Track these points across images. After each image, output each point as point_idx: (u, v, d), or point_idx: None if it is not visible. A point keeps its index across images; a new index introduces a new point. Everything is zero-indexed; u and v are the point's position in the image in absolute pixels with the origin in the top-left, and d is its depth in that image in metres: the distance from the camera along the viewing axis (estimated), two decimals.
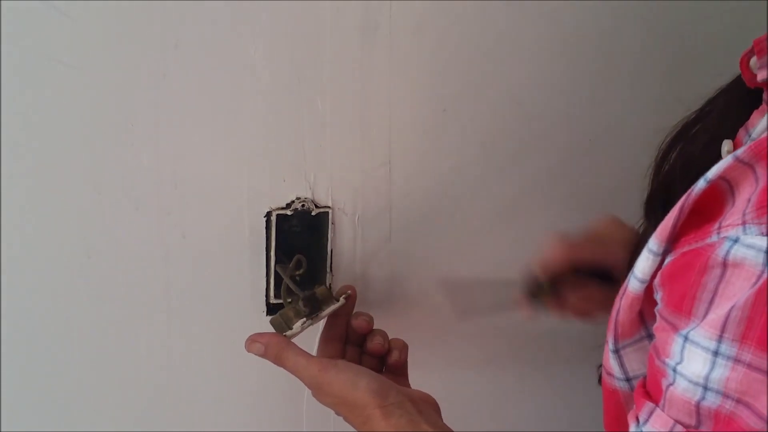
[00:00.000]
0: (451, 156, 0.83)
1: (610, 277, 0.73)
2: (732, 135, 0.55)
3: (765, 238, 0.41)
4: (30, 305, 0.74)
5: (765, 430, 0.41)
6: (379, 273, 0.84)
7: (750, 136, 0.54)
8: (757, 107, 0.54)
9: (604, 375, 0.57)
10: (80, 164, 0.71)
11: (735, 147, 0.55)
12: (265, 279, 0.79)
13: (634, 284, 0.51)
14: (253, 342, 0.70)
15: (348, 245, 0.82)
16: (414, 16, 0.77)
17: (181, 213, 0.75)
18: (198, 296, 0.78)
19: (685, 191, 0.49)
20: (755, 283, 0.41)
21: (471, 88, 0.81)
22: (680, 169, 0.59)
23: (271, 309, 0.81)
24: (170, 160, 0.73)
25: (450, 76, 0.80)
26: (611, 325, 0.54)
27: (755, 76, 0.53)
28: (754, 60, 0.52)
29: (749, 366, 0.41)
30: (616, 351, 0.54)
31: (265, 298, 0.80)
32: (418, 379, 0.73)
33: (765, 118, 0.52)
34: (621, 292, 0.52)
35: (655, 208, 0.60)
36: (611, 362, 0.55)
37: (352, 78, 0.77)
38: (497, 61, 0.81)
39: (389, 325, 0.82)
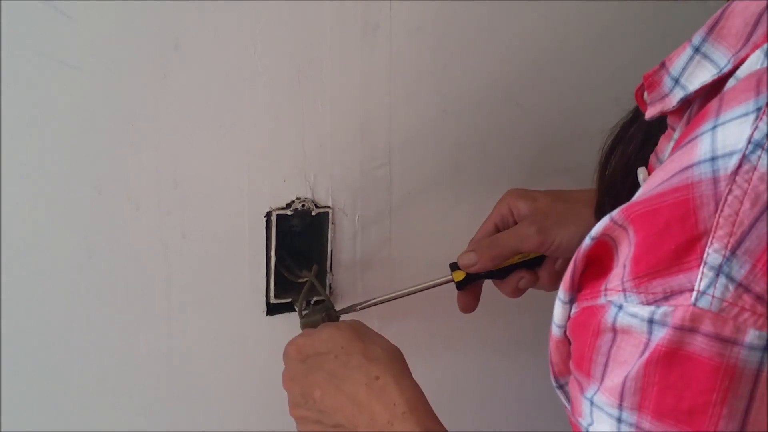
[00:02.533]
0: (451, 156, 0.83)
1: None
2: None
3: (646, 307, 0.42)
4: (30, 305, 0.74)
5: None
6: (379, 273, 0.84)
7: (660, 161, 0.54)
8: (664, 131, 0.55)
9: (564, 407, 0.57)
10: (80, 164, 0.71)
11: (649, 173, 0.56)
12: (265, 279, 0.79)
13: (554, 329, 0.51)
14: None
15: (348, 245, 0.82)
16: (414, 16, 0.77)
17: (181, 213, 0.75)
18: (198, 296, 0.78)
19: (627, 195, 0.50)
20: (643, 351, 0.42)
21: (471, 88, 0.81)
22: (620, 171, 0.60)
23: (271, 309, 0.81)
24: (170, 160, 0.73)
25: (450, 76, 0.80)
26: (549, 364, 0.54)
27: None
28: (646, 94, 0.53)
29: None
30: (560, 387, 0.54)
31: (265, 298, 0.80)
32: (419, 377, 0.73)
33: (670, 144, 0.52)
34: (549, 335, 0.53)
35: (605, 211, 0.61)
36: (561, 396, 0.55)
37: (352, 78, 0.77)
38: (497, 61, 0.81)
39: (389, 325, 0.82)
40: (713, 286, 0.40)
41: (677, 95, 0.50)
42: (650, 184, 0.45)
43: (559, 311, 0.50)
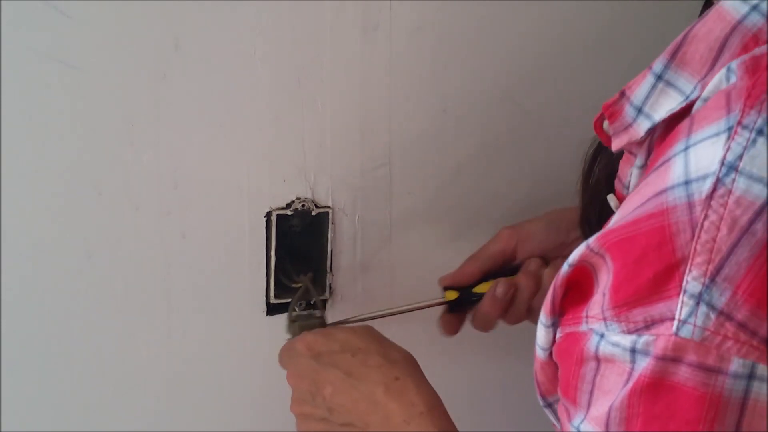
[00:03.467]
0: (451, 156, 0.83)
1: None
2: None
3: (628, 336, 0.42)
4: (30, 305, 0.74)
5: None
6: (379, 273, 0.84)
7: (627, 189, 0.53)
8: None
9: (553, 425, 0.57)
10: (80, 164, 0.71)
11: (618, 200, 0.56)
12: (265, 279, 0.79)
13: (539, 352, 0.51)
14: None
15: (348, 245, 0.82)
16: (414, 16, 0.77)
17: (181, 213, 0.75)
18: (198, 296, 0.78)
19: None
20: (627, 380, 0.42)
21: (471, 88, 0.81)
22: (604, 180, 0.59)
23: (271, 309, 0.81)
24: (170, 160, 0.73)
25: (450, 76, 0.80)
26: (535, 383, 0.54)
27: (610, 138, 0.52)
28: (606, 124, 0.52)
29: None
30: (548, 405, 0.54)
31: (265, 298, 0.80)
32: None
33: (633, 172, 0.52)
34: (534, 356, 0.53)
35: (590, 222, 0.61)
36: (549, 415, 0.55)
37: (352, 78, 0.77)
38: (497, 61, 0.81)
39: (389, 326, 0.82)
40: (694, 314, 0.39)
41: (643, 125, 0.49)
42: (625, 209, 0.44)
43: (542, 334, 0.50)
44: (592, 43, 0.84)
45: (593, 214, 0.60)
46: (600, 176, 0.61)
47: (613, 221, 0.46)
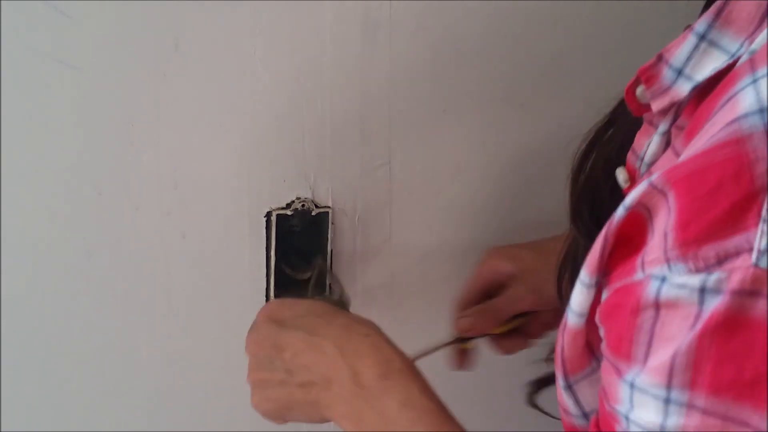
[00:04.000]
0: (451, 156, 0.83)
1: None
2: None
3: (696, 276, 0.40)
4: (30, 305, 0.74)
5: None
6: (379, 273, 0.84)
7: (643, 160, 0.52)
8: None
9: (561, 413, 0.55)
10: (80, 164, 0.71)
11: (628, 173, 0.54)
12: (265, 279, 0.79)
13: (572, 319, 0.49)
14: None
15: (348, 245, 0.82)
16: (414, 16, 0.77)
17: (181, 213, 0.75)
18: (198, 296, 0.78)
19: (610, 197, 0.48)
20: (694, 324, 0.40)
21: (471, 88, 0.81)
22: (601, 173, 0.58)
23: None
24: (170, 160, 0.73)
25: (450, 76, 0.80)
26: (558, 362, 0.52)
27: (642, 106, 0.51)
28: (641, 90, 0.51)
29: (704, 412, 0.40)
30: (569, 387, 0.52)
31: (265, 298, 0.80)
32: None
33: (654, 140, 0.51)
34: (561, 326, 0.50)
35: (582, 215, 0.59)
36: (565, 400, 0.53)
37: (352, 78, 0.77)
38: (498, 61, 0.81)
39: (390, 326, 0.82)
40: None
41: (684, 86, 0.47)
42: (690, 149, 0.43)
43: (581, 297, 0.47)
44: (592, 43, 0.84)
45: (586, 209, 0.59)
46: (596, 170, 0.59)
47: (680, 159, 0.44)
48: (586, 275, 0.46)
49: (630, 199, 0.44)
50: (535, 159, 0.86)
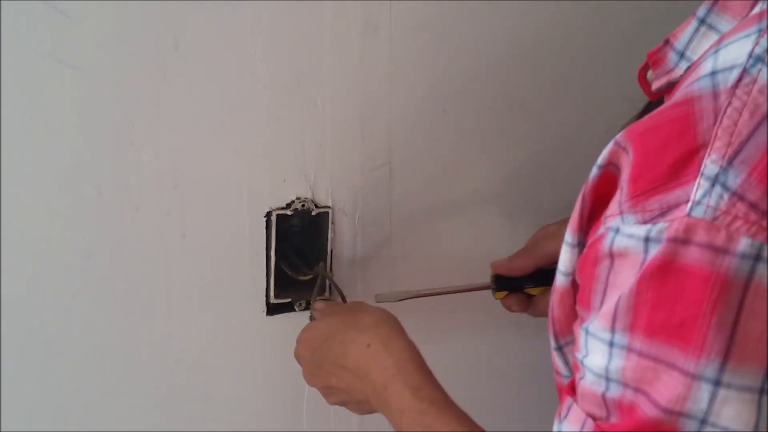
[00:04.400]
0: (451, 156, 0.83)
1: None
2: None
3: (642, 226, 0.42)
4: (30, 305, 0.74)
5: (659, 416, 0.41)
6: (379, 273, 0.84)
7: None
8: None
9: (555, 374, 0.57)
10: (80, 164, 0.71)
11: None
12: (265, 279, 0.79)
13: (559, 278, 0.51)
14: None
15: (348, 245, 0.82)
16: (414, 16, 0.77)
17: (181, 213, 0.75)
18: (198, 296, 0.78)
19: None
20: (638, 271, 0.42)
21: (471, 88, 0.81)
22: None
23: (271, 309, 0.81)
24: (170, 160, 0.73)
25: (450, 76, 0.80)
26: (549, 323, 0.54)
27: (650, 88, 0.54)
28: (650, 73, 0.54)
29: (640, 354, 0.42)
30: (559, 348, 0.54)
31: (265, 298, 0.80)
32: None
33: None
34: (552, 289, 0.53)
35: None
36: (556, 360, 0.55)
37: (352, 78, 0.77)
38: (497, 61, 0.81)
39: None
40: (708, 195, 0.40)
41: (683, 67, 0.50)
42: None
43: (566, 257, 0.50)
44: (592, 44, 0.84)
45: None
46: None
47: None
48: (569, 235, 0.49)
49: (601, 158, 0.46)
50: (534, 159, 0.87)
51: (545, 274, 0.78)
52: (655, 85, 0.53)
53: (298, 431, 0.86)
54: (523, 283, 0.79)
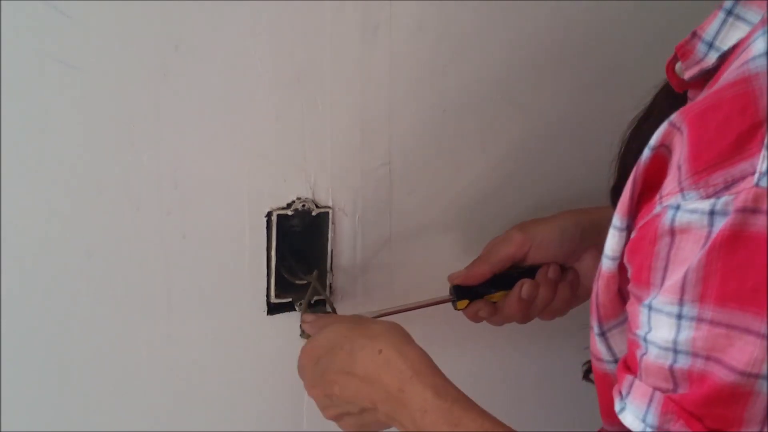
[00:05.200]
0: (451, 156, 0.83)
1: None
2: None
3: (706, 201, 0.43)
4: (30, 305, 0.74)
5: (736, 380, 0.43)
6: (379, 273, 0.84)
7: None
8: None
9: (594, 361, 0.58)
10: (80, 164, 0.71)
11: None
12: (265, 279, 0.79)
13: (606, 263, 0.52)
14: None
15: (348, 245, 0.82)
16: (414, 16, 0.77)
17: (181, 213, 0.75)
18: (198, 296, 0.78)
19: None
20: (704, 244, 0.43)
21: (471, 88, 0.81)
22: (635, 159, 0.62)
23: (271, 309, 0.81)
24: (170, 160, 0.73)
25: (450, 76, 0.80)
26: (593, 309, 0.55)
27: (681, 81, 0.56)
28: (679, 65, 0.55)
29: (711, 323, 0.43)
30: (602, 334, 0.55)
31: (265, 298, 0.80)
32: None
33: None
34: (597, 275, 0.54)
35: (621, 195, 0.63)
36: (598, 346, 0.56)
37: (352, 78, 0.77)
38: (497, 61, 0.81)
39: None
40: None
41: (713, 56, 0.52)
42: (706, 92, 0.47)
43: (613, 241, 0.51)
44: (592, 43, 0.84)
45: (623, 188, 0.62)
46: (635, 155, 0.63)
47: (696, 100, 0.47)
48: (617, 219, 0.50)
49: (654, 139, 0.48)
50: (534, 159, 0.87)
51: (502, 279, 0.79)
52: (688, 75, 0.54)
53: (298, 431, 0.86)
54: (483, 291, 0.79)
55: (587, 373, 0.72)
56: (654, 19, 0.85)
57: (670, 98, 0.59)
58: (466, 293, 0.79)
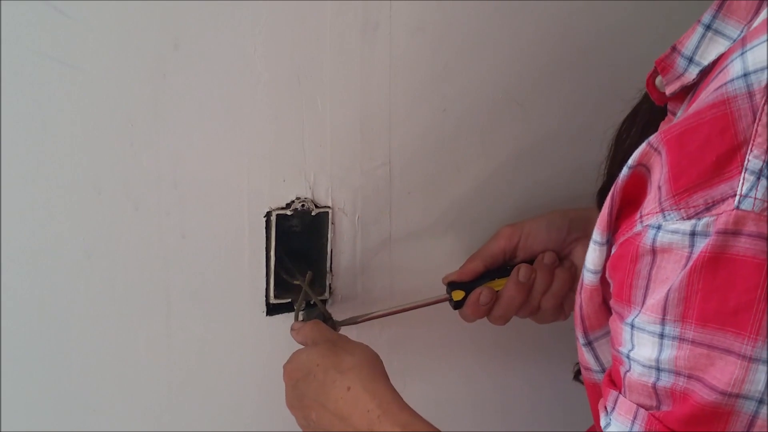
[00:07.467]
0: (451, 156, 0.83)
1: None
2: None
3: (687, 222, 0.44)
4: (30, 305, 0.74)
5: (717, 399, 0.43)
6: (378, 273, 0.84)
7: None
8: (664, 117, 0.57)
9: (582, 371, 0.59)
10: (80, 164, 0.71)
11: None
12: (265, 279, 0.79)
13: (587, 276, 0.53)
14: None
15: (348, 245, 0.82)
16: (414, 16, 0.77)
17: (181, 213, 0.75)
18: (198, 296, 0.78)
19: None
20: (685, 264, 0.44)
21: (471, 88, 0.81)
22: (622, 163, 0.62)
23: (270, 309, 0.81)
24: (170, 160, 0.73)
25: (450, 76, 0.80)
26: (577, 320, 0.56)
27: (662, 95, 0.56)
28: (659, 79, 0.56)
29: (693, 342, 0.44)
30: (589, 344, 0.56)
31: (265, 298, 0.80)
32: (418, 378, 0.73)
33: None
34: (579, 287, 0.55)
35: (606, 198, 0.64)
36: (586, 356, 0.57)
37: (352, 78, 0.77)
38: (497, 61, 0.81)
39: (389, 326, 0.82)
40: (755, 188, 0.42)
41: (693, 71, 0.52)
42: (685, 113, 0.47)
43: (594, 255, 0.51)
44: (592, 43, 0.84)
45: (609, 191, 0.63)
46: (628, 148, 0.63)
47: (674, 121, 0.48)
48: (597, 233, 0.51)
49: (632, 159, 0.48)
50: (535, 159, 0.86)
51: (497, 274, 0.79)
52: (669, 90, 0.54)
53: (298, 431, 0.86)
54: (478, 285, 0.79)
55: (578, 374, 0.73)
56: (655, 21, 0.85)
57: (653, 103, 0.59)
58: (462, 289, 0.79)
